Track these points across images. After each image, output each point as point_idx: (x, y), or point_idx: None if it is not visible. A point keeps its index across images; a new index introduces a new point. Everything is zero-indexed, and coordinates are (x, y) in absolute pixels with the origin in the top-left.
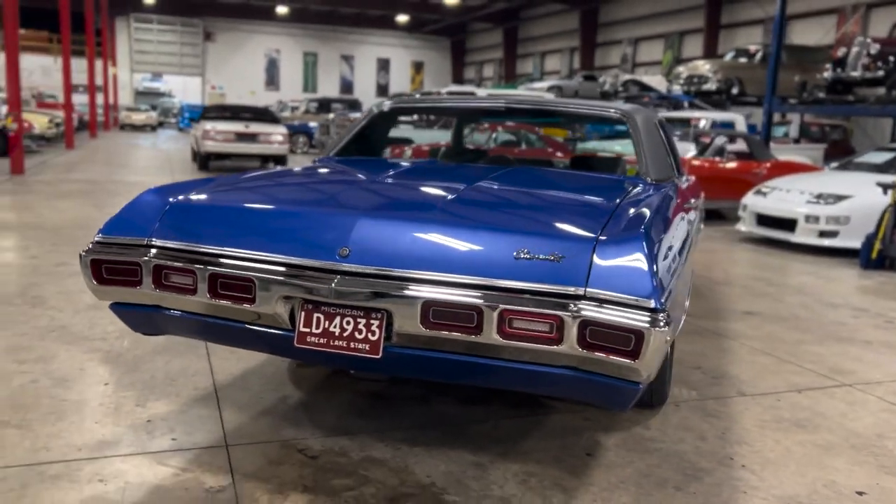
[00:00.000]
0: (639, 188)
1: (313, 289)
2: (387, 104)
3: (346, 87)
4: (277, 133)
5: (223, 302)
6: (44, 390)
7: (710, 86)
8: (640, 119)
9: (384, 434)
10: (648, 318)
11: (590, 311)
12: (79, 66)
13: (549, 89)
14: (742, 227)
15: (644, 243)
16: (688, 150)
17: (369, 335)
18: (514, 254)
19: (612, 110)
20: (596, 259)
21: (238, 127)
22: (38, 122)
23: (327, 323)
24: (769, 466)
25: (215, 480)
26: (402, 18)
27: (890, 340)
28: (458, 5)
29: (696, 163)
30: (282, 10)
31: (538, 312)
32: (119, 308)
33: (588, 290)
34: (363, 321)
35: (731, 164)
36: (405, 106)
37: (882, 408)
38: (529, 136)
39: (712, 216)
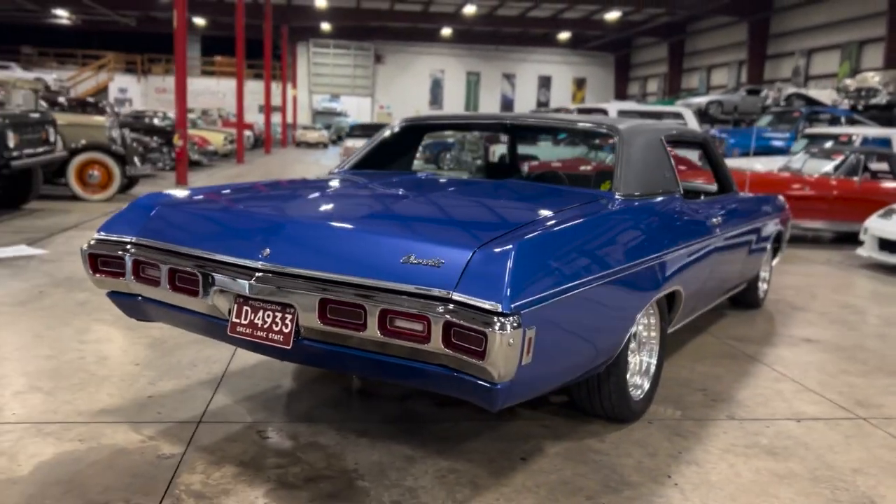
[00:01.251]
0: (581, 203)
1: (240, 285)
2: (399, 122)
3: (507, 104)
4: None
5: (178, 293)
6: (84, 365)
7: (880, 99)
8: (626, 135)
9: (343, 424)
10: (493, 322)
11: (451, 313)
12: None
13: (709, 104)
14: (862, 251)
15: (512, 254)
16: (822, 167)
17: (283, 328)
18: (402, 259)
19: (603, 126)
20: (469, 266)
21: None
22: (215, 139)
23: (252, 315)
24: (703, 488)
25: (170, 449)
26: (564, 35)
27: None
28: (620, 20)
29: (795, 181)
30: (447, 31)
31: (410, 313)
32: (113, 296)
33: (454, 294)
34: (279, 315)
35: (864, 184)
36: (416, 123)
37: (883, 444)
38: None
39: (849, 240)
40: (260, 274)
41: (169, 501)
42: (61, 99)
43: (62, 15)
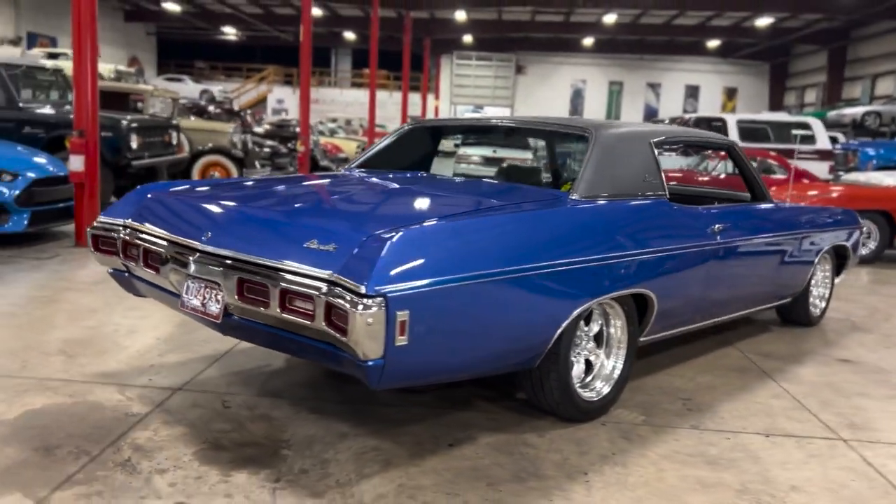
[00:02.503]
0: (517, 202)
1: (186, 263)
2: (408, 125)
3: (651, 114)
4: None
5: (149, 269)
6: (113, 336)
7: None
8: (599, 136)
9: (302, 402)
10: (356, 301)
11: (330, 293)
12: (411, 99)
13: (865, 115)
14: None
15: (389, 242)
16: None
17: (215, 304)
18: (305, 243)
19: (581, 128)
20: (354, 252)
21: (487, 152)
22: (348, 147)
23: (196, 291)
24: (614, 487)
25: (139, 409)
26: (714, 43)
27: None
28: (773, 27)
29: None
30: (588, 41)
31: (301, 292)
32: (113, 273)
33: (335, 275)
34: (213, 292)
35: None
36: (422, 126)
37: (846, 466)
38: None
39: None
40: (198, 255)
41: (111, 451)
42: (211, 108)
43: (230, 32)
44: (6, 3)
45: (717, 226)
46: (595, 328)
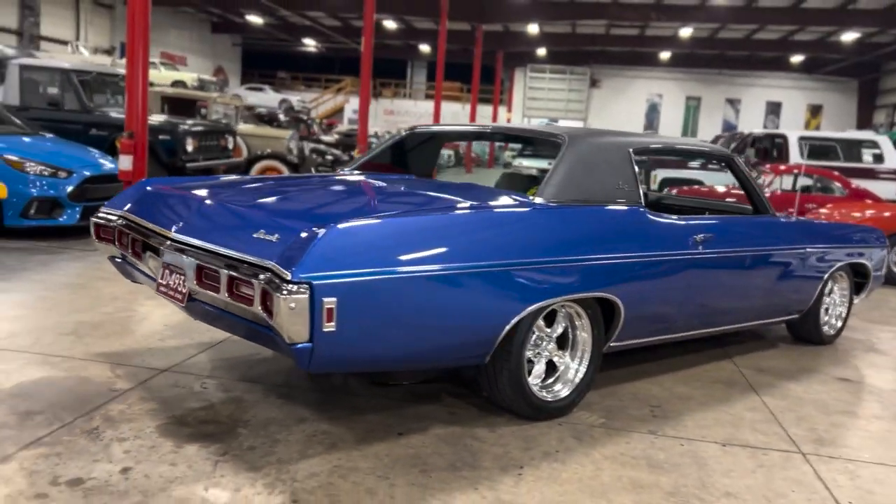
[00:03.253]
0: (473, 202)
1: (160, 250)
2: (404, 131)
3: (729, 130)
4: None
5: (135, 256)
6: (125, 320)
7: None
8: (572, 142)
9: (276, 388)
10: (280, 287)
11: (266, 280)
12: (483, 111)
13: None
14: None
15: (323, 234)
16: None
17: (181, 288)
18: (254, 234)
19: (554, 134)
20: (291, 242)
21: (542, 164)
22: None
23: (168, 276)
24: (544, 482)
25: (123, 385)
26: (797, 59)
27: None
28: (859, 42)
29: None
30: (665, 55)
31: (243, 279)
32: (112, 259)
33: (272, 263)
34: (180, 277)
35: None
36: (418, 132)
37: (794, 478)
38: None
39: None
40: (169, 242)
41: (83, 420)
42: (281, 116)
43: (309, 44)
44: (103, 16)
45: (699, 236)
46: (559, 330)
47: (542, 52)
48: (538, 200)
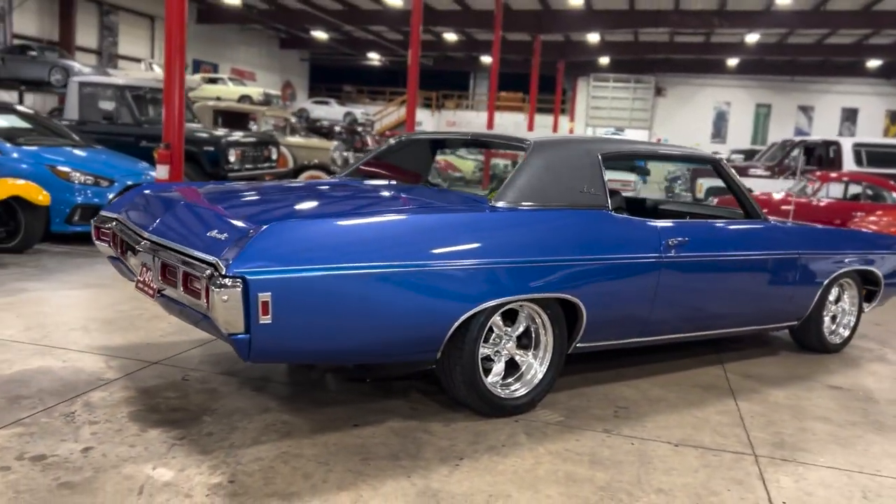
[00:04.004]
0: (428, 205)
1: (136, 249)
2: (397, 138)
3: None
4: (629, 180)
5: (122, 255)
6: (136, 319)
7: None
8: (536, 147)
9: (251, 381)
10: (216, 280)
11: (206, 274)
12: (543, 121)
13: None
14: None
15: (260, 231)
16: None
17: (152, 283)
18: (209, 233)
19: (520, 139)
20: (235, 239)
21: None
22: (465, 166)
23: (144, 272)
24: (478, 472)
25: (111, 376)
26: (874, 63)
27: None
28: None
29: None
30: (733, 62)
31: (193, 274)
32: (110, 258)
33: (214, 259)
34: (150, 273)
35: None
36: (411, 138)
37: (738, 478)
38: None
39: None
40: (143, 241)
41: (65, 404)
42: (337, 128)
43: (373, 57)
44: None
45: (672, 240)
46: (520, 329)
47: (604, 60)
48: (500, 204)
